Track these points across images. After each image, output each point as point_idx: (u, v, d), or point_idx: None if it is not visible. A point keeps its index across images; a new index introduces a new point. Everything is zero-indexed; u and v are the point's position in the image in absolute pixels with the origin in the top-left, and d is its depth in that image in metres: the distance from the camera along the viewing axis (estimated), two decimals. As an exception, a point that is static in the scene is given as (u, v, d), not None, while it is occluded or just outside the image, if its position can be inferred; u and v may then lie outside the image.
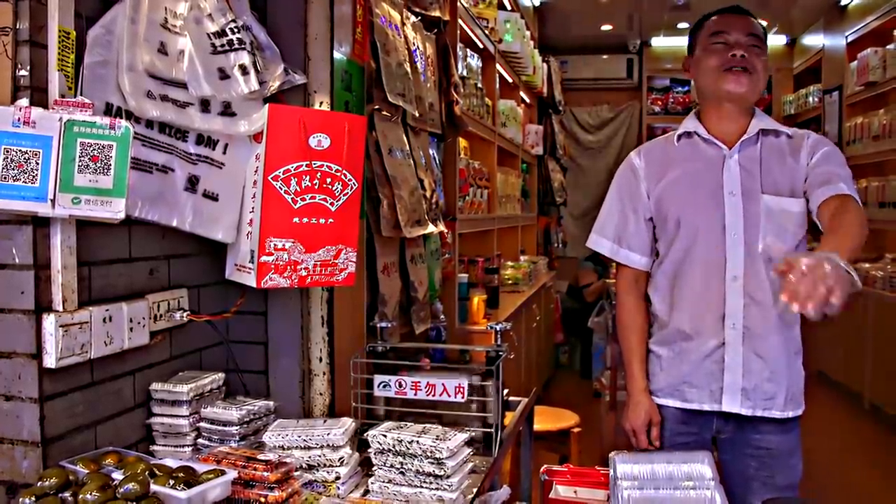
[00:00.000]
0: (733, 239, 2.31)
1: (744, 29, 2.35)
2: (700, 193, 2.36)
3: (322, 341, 2.35)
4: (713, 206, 2.34)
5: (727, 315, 2.32)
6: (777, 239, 2.28)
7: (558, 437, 4.12)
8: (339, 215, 2.13)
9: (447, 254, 4.04)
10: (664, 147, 2.50)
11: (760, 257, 2.29)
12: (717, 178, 2.35)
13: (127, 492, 1.53)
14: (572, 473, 2.77)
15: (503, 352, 2.35)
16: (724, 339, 2.33)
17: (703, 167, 2.38)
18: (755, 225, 2.30)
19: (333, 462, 1.95)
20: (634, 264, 2.51)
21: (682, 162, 2.43)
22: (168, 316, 2.08)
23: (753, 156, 2.36)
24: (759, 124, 2.38)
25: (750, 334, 2.32)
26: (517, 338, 5.33)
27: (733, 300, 2.31)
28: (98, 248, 1.85)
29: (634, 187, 2.48)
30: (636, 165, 2.50)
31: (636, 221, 2.48)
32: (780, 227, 2.30)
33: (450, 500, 1.86)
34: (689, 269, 2.37)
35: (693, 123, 2.45)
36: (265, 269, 2.05)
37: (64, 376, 1.75)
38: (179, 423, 2.03)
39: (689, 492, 1.82)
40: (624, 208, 2.51)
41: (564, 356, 8.82)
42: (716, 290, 2.33)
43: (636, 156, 2.52)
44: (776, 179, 2.32)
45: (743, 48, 2.32)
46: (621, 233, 2.51)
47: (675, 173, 2.42)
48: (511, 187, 6.55)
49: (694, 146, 2.43)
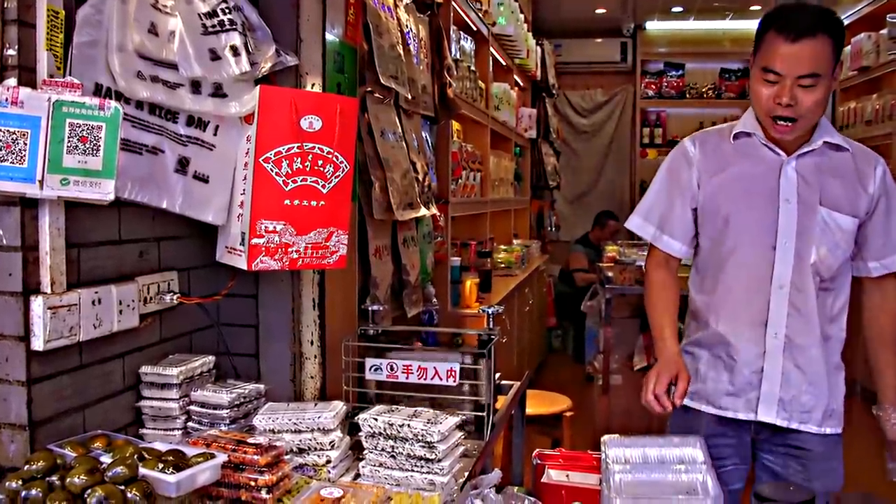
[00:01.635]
0: (784, 247, 2.23)
1: (800, 68, 2.09)
2: (755, 196, 2.26)
3: (313, 324, 2.34)
4: (767, 211, 2.25)
5: (770, 323, 2.25)
6: (829, 253, 2.23)
7: (551, 421, 4.12)
8: (331, 198, 2.11)
9: (439, 237, 4.02)
10: (720, 141, 2.37)
11: (810, 269, 2.22)
12: (774, 183, 2.25)
13: (115, 475, 1.52)
14: (564, 457, 2.76)
15: (495, 335, 2.34)
16: (765, 347, 2.25)
17: (760, 170, 2.27)
18: (808, 235, 2.22)
19: (324, 445, 1.94)
20: (674, 252, 2.42)
21: (739, 161, 2.31)
22: (158, 298, 2.07)
23: (814, 166, 2.25)
24: (823, 136, 2.26)
25: (791, 345, 2.24)
26: (509, 322, 5.33)
27: (777, 309, 2.24)
28: (87, 230, 1.83)
29: (686, 174, 2.37)
30: (690, 153, 2.38)
31: (682, 208, 2.38)
32: (834, 242, 2.23)
33: (441, 483, 1.85)
34: (734, 271, 2.29)
35: (752, 124, 2.30)
36: (256, 251, 2.03)
37: (52, 359, 1.73)
38: (169, 407, 2.02)
39: (681, 475, 1.82)
40: (671, 194, 2.41)
41: (557, 340, 8.83)
42: (760, 296, 2.26)
43: (691, 143, 2.40)
44: (836, 194, 2.23)
45: (791, 95, 2.11)
46: (666, 218, 2.41)
47: (731, 171, 2.31)
48: (504, 171, 6.53)
49: (752, 147, 2.31)
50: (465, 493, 1.77)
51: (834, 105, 7.88)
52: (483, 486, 1.78)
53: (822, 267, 2.23)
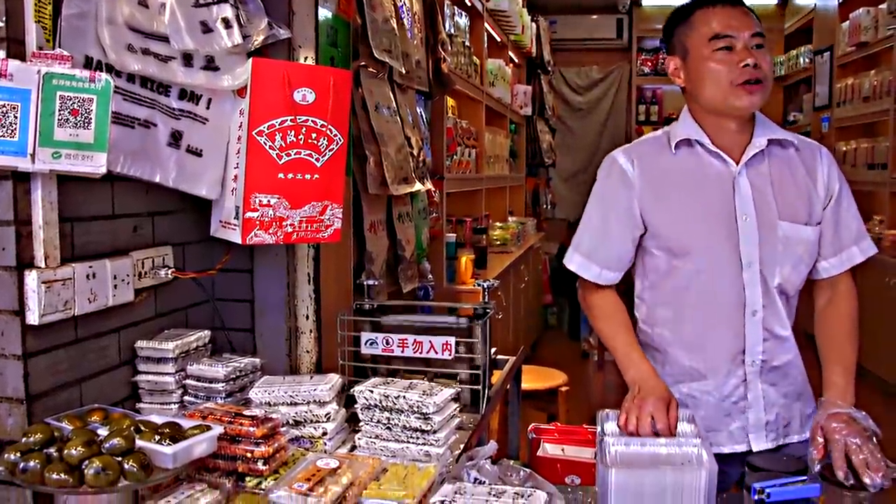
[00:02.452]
0: (751, 269, 2.04)
1: (748, 27, 1.99)
2: (712, 221, 2.06)
3: (308, 299, 2.34)
4: (727, 234, 2.05)
5: (747, 352, 2.08)
6: (793, 271, 2.08)
7: (546, 396, 4.14)
8: (325, 171, 2.11)
9: (434, 213, 4.02)
10: (659, 154, 2.12)
11: (775, 291, 2.07)
12: (729, 199, 2.05)
13: (112, 447, 1.52)
14: (560, 431, 2.78)
15: (490, 308, 2.35)
16: (746, 377, 2.09)
17: (711, 187, 2.06)
18: (772, 254, 2.05)
19: (320, 418, 1.95)
20: (604, 281, 2.20)
21: (686, 178, 2.09)
22: (153, 273, 2.06)
23: (763, 172, 2.07)
24: (764, 133, 2.08)
25: (766, 367, 2.10)
26: (505, 298, 5.34)
27: (753, 336, 2.07)
28: (80, 205, 1.82)
29: (625, 200, 2.12)
30: (629, 174, 2.12)
31: (621, 238, 2.15)
32: (797, 258, 2.08)
33: (437, 454, 1.86)
34: (700, 302, 2.09)
35: (693, 129, 2.09)
36: (250, 225, 2.03)
37: (47, 333, 1.73)
38: (165, 381, 2.02)
39: (676, 448, 1.82)
40: (606, 220, 2.17)
41: (553, 317, 8.85)
42: (734, 326, 2.07)
43: (627, 161, 2.13)
44: (792, 203, 2.06)
45: (752, 55, 1.98)
46: (605, 254, 2.17)
47: (679, 193, 2.08)
48: (499, 147, 6.52)
49: (696, 158, 2.09)
50: (460, 465, 1.77)
51: (831, 81, 7.85)
52: (479, 458, 1.78)
53: (787, 287, 2.09)
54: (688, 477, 1.60)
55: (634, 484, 1.59)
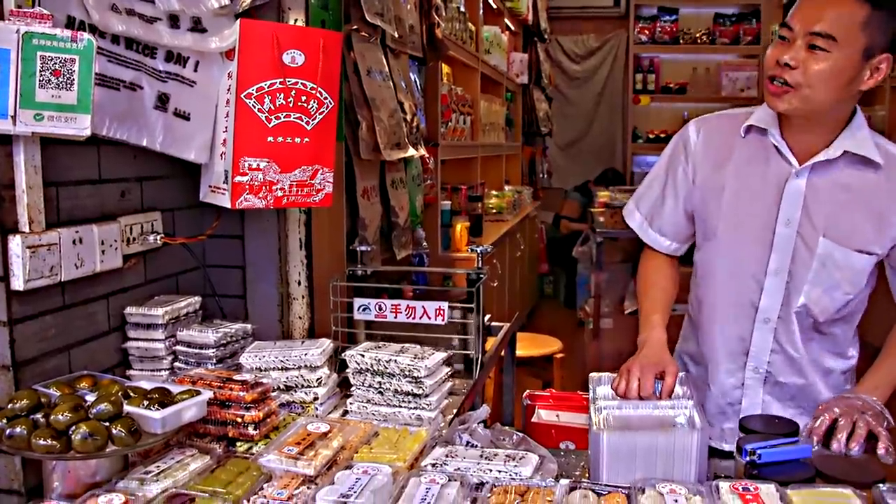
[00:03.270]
0: (775, 278, 1.93)
1: (811, 22, 1.75)
2: (750, 214, 1.95)
3: (300, 264, 2.32)
4: (761, 234, 1.94)
5: (751, 357, 2.00)
6: (825, 295, 1.92)
7: (541, 363, 4.15)
8: (315, 134, 2.07)
9: (429, 180, 3.99)
10: (729, 132, 2.01)
11: (799, 310, 1.94)
12: (775, 200, 1.92)
13: (100, 412, 1.51)
14: (555, 398, 2.77)
15: (484, 273, 2.33)
16: (744, 381, 2.02)
17: (762, 182, 1.94)
18: (804, 271, 1.91)
19: (311, 382, 1.94)
20: (662, 249, 2.16)
21: (742, 167, 1.97)
22: (141, 239, 2.04)
23: (828, 183, 1.89)
24: (844, 143, 1.86)
25: (772, 379, 2.01)
26: (500, 266, 5.32)
27: (761, 343, 1.98)
28: (65, 169, 1.80)
29: (682, 168, 2.06)
30: (691, 142, 2.05)
31: (674, 206, 2.10)
32: (833, 282, 1.90)
33: (428, 418, 1.85)
34: (716, 292, 2.03)
35: (769, 119, 1.93)
36: (240, 189, 2.00)
37: (33, 299, 1.71)
38: (155, 347, 2.00)
39: (668, 410, 1.81)
40: (665, 187, 2.11)
41: (549, 286, 8.85)
42: (742, 326, 2.00)
43: (695, 130, 2.06)
44: (847, 226, 1.88)
45: (794, 55, 1.77)
46: (655, 212, 2.14)
47: (729, 177, 1.98)
48: (495, 115, 6.47)
49: (762, 147, 1.95)
50: (452, 429, 1.76)
51: None
52: (471, 422, 1.77)
53: (815, 309, 1.93)
54: (679, 439, 1.59)
55: (626, 446, 1.58)
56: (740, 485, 1.46)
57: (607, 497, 1.46)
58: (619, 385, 1.87)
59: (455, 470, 1.55)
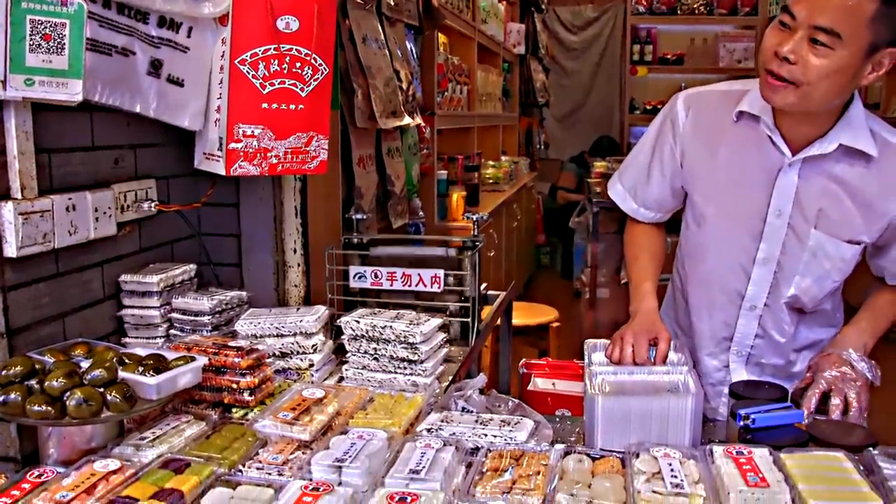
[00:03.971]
0: (762, 267, 1.92)
1: (814, 14, 1.62)
2: (741, 202, 1.91)
3: (296, 232, 2.31)
4: (751, 224, 1.91)
5: (735, 341, 2.02)
6: (815, 285, 1.91)
7: (537, 332, 4.15)
8: (310, 101, 2.06)
9: (425, 149, 3.98)
10: (719, 112, 1.93)
11: (787, 299, 1.94)
12: (767, 190, 1.87)
13: (94, 378, 1.51)
14: (551, 366, 2.77)
15: (480, 241, 2.32)
16: (728, 363, 2.04)
17: (754, 170, 1.89)
18: (794, 262, 1.90)
19: (307, 349, 1.94)
20: (647, 219, 2.14)
21: (732, 153, 1.91)
22: (136, 207, 2.03)
23: (820, 175, 1.84)
24: (840, 136, 1.79)
25: (755, 359, 2.03)
26: (497, 237, 5.32)
27: (745, 329, 1.99)
28: (57, 135, 1.78)
29: (668, 148, 2.01)
30: (679, 120, 1.98)
31: (660, 183, 2.06)
32: (823, 272, 1.90)
33: (424, 384, 1.85)
34: (703, 277, 2.02)
35: (762, 105, 1.83)
36: (234, 156, 1.99)
37: (27, 266, 1.70)
38: (150, 315, 2.00)
39: (663, 376, 1.82)
40: (650, 162, 2.06)
41: (546, 257, 8.86)
42: (727, 312, 2.00)
43: (683, 107, 1.98)
44: (839, 218, 1.85)
45: (794, 48, 1.65)
46: (639, 186, 2.10)
47: (718, 163, 1.93)
48: (492, 85, 6.44)
49: (754, 134, 1.88)
50: (448, 395, 1.77)
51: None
52: (467, 389, 1.77)
53: (804, 298, 1.94)
54: (674, 404, 1.60)
55: (621, 411, 1.59)
56: (734, 449, 1.46)
57: (602, 461, 1.46)
58: (613, 352, 1.87)
59: (450, 435, 1.56)
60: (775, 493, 1.32)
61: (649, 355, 1.85)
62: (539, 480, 1.38)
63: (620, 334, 1.90)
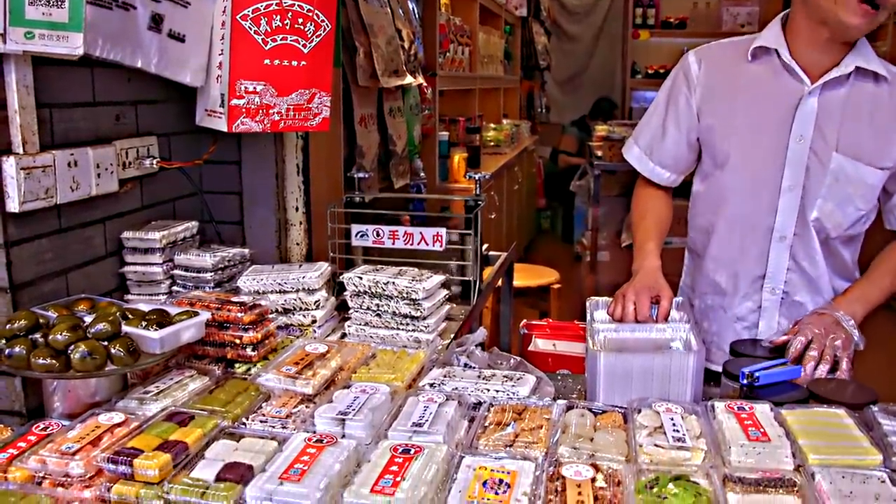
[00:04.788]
0: (789, 194, 1.94)
1: None
2: (763, 132, 1.95)
3: (298, 190, 2.31)
4: (774, 152, 1.93)
5: (767, 277, 2.01)
6: (837, 209, 1.94)
7: (538, 294, 4.16)
8: (312, 58, 2.04)
9: (427, 110, 3.96)
10: (732, 59, 2.01)
11: (812, 225, 1.96)
12: (788, 117, 1.92)
13: (98, 332, 1.51)
14: (551, 327, 2.78)
15: (483, 200, 2.32)
16: (762, 303, 2.04)
17: (774, 101, 1.94)
18: (817, 185, 1.92)
19: (309, 305, 1.94)
20: (662, 181, 2.16)
21: (751, 90, 1.97)
22: (137, 163, 2.02)
23: (839, 99, 1.90)
24: (855, 60, 1.87)
25: (789, 300, 2.02)
26: (498, 199, 5.31)
27: (777, 262, 2.00)
28: (59, 90, 1.77)
29: (684, 99, 2.06)
30: (692, 73, 2.05)
31: (676, 138, 2.09)
32: (846, 196, 1.92)
33: (426, 340, 1.86)
34: (732, 215, 2.03)
35: (775, 38, 1.93)
36: (236, 112, 1.98)
37: (29, 221, 1.70)
38: (153, 271, 2.00)
39: (665, 333, 1.82)
40: (665, 118, 2.11)
41: (546, 221, 8.85)
42: (758, 247, 2.01)
43: (695, 60, 2.05)
44: (859, 139, 1.90)
45: None
46: (655, 145, 2.14)
47: (738, 101, 1.98)
48: (493, 48, 6.39)
49: (770, 69, 1.95)
50: (450, 351, 1.77)
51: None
52: (469, 344, 1.78)
53: (828, 224, 1.96)
54: (676, 361, 1.60)
55: (622, 367, 1.59)
56: (735, 404, 1.47)
57: (604, 416, 1.47)
58: (616, 309, 1.88)
59: (453, 390, 1.57)
60: (776, 447, 1.32)
61: (651, 313, 1.85)
62: (542, 434, 1.39)
63: (622, 292, 1.90)
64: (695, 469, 1.29)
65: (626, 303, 1.86)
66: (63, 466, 1.30)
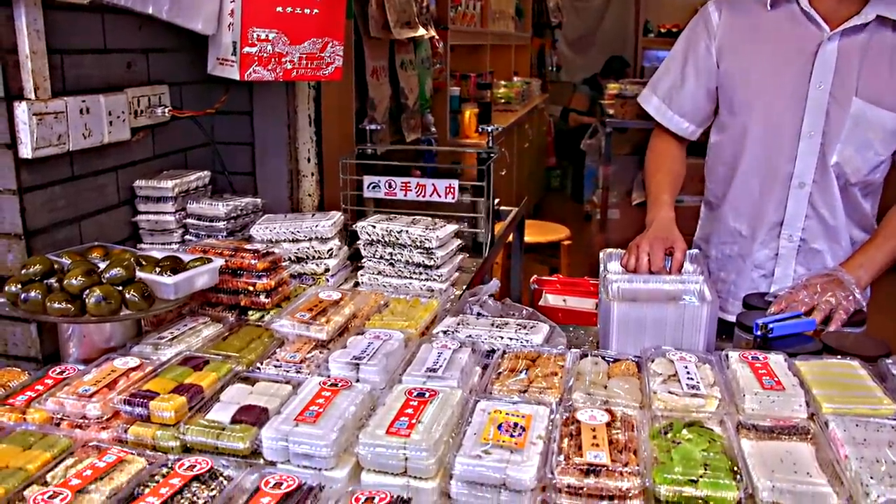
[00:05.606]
0: (808, 141, 1.94)
1: None
2: (783, 78, 1.95)
3: (310, 141, 2.29)
4: (794, 98, 1.94)
5: (785, 224, 2.02)
6: (857, 154, 1.93)
7: (548, 250, 4.15)
8: (325, 5, 2.02)
9: (438, 64, 3.92)
10: (752, 7, 2.01)
11: (832, 170, 1.95)
12: (808, 63, 1.92)
13: (113, 276, 1.52)
14: (562, 283, 2.78)
15: (495, 152, 2.30)
16: (778, 250, 2.04)
17: (793, 48, 1.94)
18: (837, 130, 1.92)
19: (322, 254, 1.94)
20: (680, 132, 2.15)
21: (770, 36, 1.97)
22: (149, 112, 2.01)
23: (859, 45, 1.90)
24: (876, 8, 1.87)
25: (805, 248, 2.03)
26: (509, 156, 5.29)
27: (795, 209, 1.99)
28: (69, 36, 1.76)
29: (704, 47, 2.06)
30: (713, 21, 2.06)
31: (695, 85, 2.09)
32: (865, 141, 1.92)
33: (439, 290, 1.86)
34: (751, 162, 2.02)
35: None
36: (248, 60, 1.96)
37: (42, 168, 1.69)
38: (166, 220, 2.00)
39: (678, 284, 1.81)
40: (685, 67, 2.11)
41: (556, 180, 8.82)
42: (777, 194, 2.00)
43: (715, 8, 2.07)
44: (878, 84, 1.89)
45: None
46: (674, 93, 2.13)
47: (757, 48, 1.98)
48: (505, 3, 6.33)
49: (790, 17, 1.95)
50: (463, 300, 1.77)
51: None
52: (481, 294, 1.78)
53: (847, 169, 1.95)
54: (689, 312, 1.60)
55: (636, 317, 1.59)
56: (750, 354, 1.47)
57: (618, 364, 1.47)
58: (630, 261, 1.87)
59: (466, 337, 1.57)
60: (790, 396, 1.33)
61: (665, 264, 1.85)
62: (556, 381, 1.39)
63: (636, 243, 1.90)
64: (709, 416, 1.29)
65: (640, 254, 1.86)
66: (80, 408, 1.31)
